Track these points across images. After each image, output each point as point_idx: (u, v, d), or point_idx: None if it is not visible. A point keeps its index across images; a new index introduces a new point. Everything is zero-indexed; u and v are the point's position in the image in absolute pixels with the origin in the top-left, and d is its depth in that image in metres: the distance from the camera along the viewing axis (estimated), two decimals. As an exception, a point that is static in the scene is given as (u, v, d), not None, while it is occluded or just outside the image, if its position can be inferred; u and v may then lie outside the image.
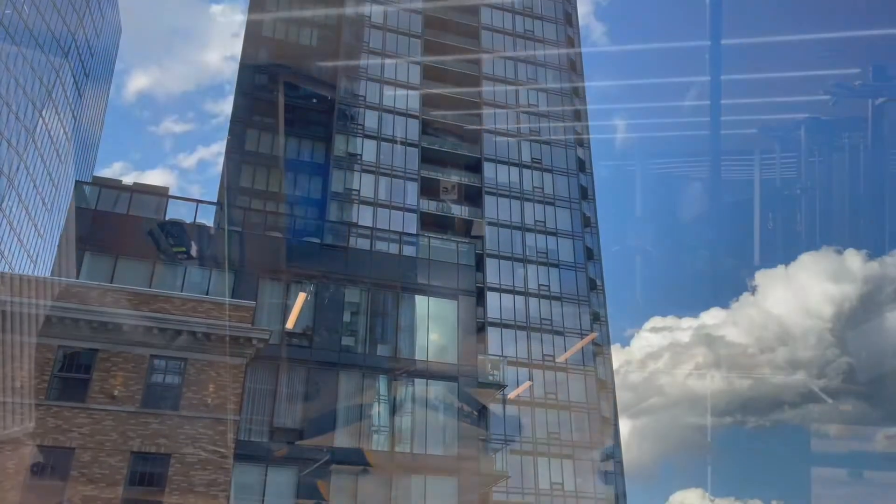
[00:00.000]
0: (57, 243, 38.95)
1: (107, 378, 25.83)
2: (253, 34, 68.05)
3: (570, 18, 79.99)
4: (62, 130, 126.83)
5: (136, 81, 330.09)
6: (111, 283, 34.43)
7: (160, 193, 42.57)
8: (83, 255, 36.28)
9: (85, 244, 36.64)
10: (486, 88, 70.91)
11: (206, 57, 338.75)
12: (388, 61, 68.71)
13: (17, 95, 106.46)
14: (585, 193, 71.11)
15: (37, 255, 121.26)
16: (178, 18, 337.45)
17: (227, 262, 37.69)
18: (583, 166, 71.83)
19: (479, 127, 68.80)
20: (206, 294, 35.96)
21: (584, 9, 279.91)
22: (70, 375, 25.92)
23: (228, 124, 64.58)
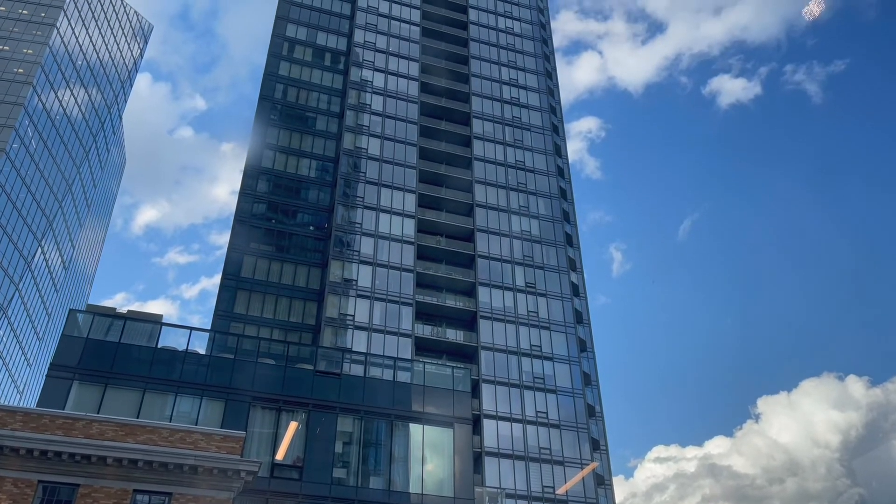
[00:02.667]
0: (45, 373, 38.20)
1: (86, 515, 24.58)
2: (253, 165, 70.24)
3: (559, 150, 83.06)
4: (60, 260, 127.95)
5: (145, 215, 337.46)
6: (98, 412, 33.57)
7: (154, 321, 42.38)
8: (71, 384, 35.57)
9: (74, 373, 36.01)
10: (480, 215, 72.46)
11: (214, 191, 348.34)
12: (384, 190, 70.58)
13: (18, 225, 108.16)
14: (580, 318, 71.10)
15: (24, 386, 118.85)
16: (189, 156, 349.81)
17: (218, 391, 36.99)
18: (577, 291, 72.25)
19: (473, 252, 69.75)
20: (196, 423, 35.00)
21: (577, 144, 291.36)
22: (47, 512, 24.67)
23: (226, 252, 65.37)
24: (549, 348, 66.11)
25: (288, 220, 68.87)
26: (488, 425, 59.85)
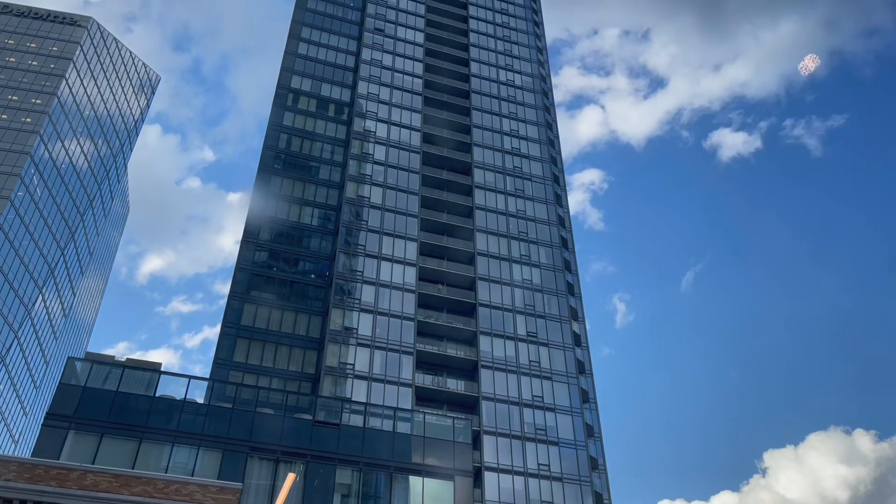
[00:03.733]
0: (42, 422, 37.82)
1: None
2: (256, 213, 70.66)
3: (560, 200, 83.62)
4: (60, 308, 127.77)
5: (150, 264, 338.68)
6: (94, 462, 33.07)
7: (153, 369, 42.10)
8: (67, 434, 35.14)
9: (70, 422, 35.60)
10: (481, 264, 72.54)
11: (219, 241, 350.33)
12: (385, 238, 70.84)
13: (20, 272, 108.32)
14: (583, 368, 70.51)
15: (20, 435, 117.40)
16: (195, 206, 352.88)
17: (215, 441, 36.50)
18: (579, 340, 71.85)
19: (474, 301, 69.59)
20: (192, 474, 34.45)
21: (580, 196, 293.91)
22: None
23: (226, 300, 65.26)
24: (550, 399, 65.38)
25: (289, 268, 68.94)
26: (489, 478, 58.79)
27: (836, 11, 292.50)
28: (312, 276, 69.01)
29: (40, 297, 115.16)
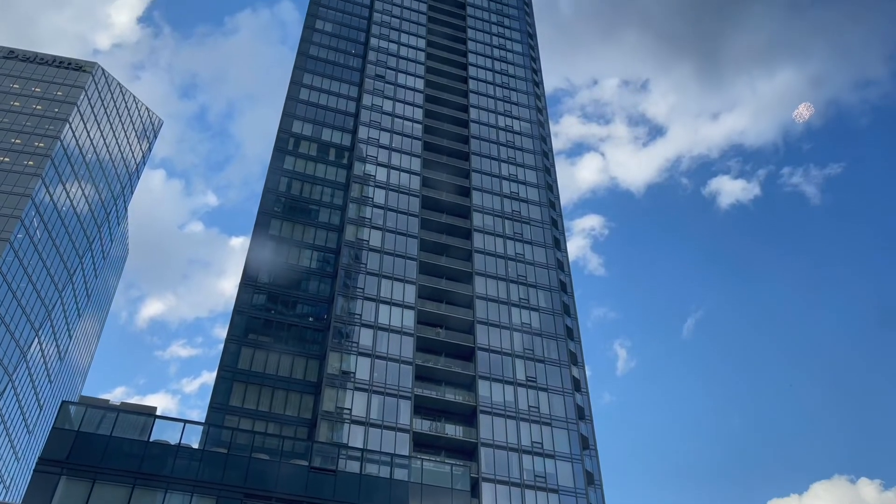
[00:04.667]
0: (34, 467, 37.19)
1: None
2: (255, 256, 70.68)
3: (559, 243, 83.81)
4: (56, 351, 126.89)
5: (150, 308, 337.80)
6: (83, 509, 32.46)
7: (147, 413, 41.63)
8: (59, 480, 34.54)
9: (62, 467, 35.02)
10: (480, 307, 72.30)
11: (220, 285, 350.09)
12: (384, 281, 70.73)
13: (16, 315, 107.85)
14: (582, 414, 69.72)
15: (11, 480, 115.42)
16: (197, 250, 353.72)
17: (209, 487, 35.88)
18: (578, 386, 71.21)
19: (473, 344, 69.15)
20: (184, 522, 33.78)
21: (581, 241, 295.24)
22: None
23: (223, 344, 64.83)
24: (550, 446, 64.50)
25: (287, 311, 68.67)
26: (488, 526, 57.62)
27: (830, 64, 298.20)
28: (311, 319, 68.71)
29: (36, 340, 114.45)
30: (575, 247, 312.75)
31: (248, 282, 68.65)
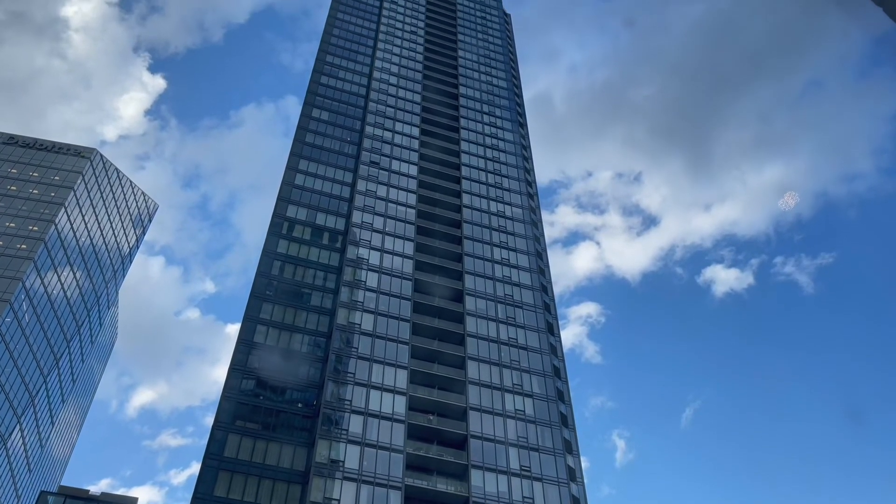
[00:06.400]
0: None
1: None
2: (245, 340, 69.82)
3: (552, 328, 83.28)
4: (37, 438, 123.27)
5: (141, 396, 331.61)
6: None
7: None
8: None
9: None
10: (473, 393, 71.00)
11: (215, 373, 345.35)
12: (375, 366, 69.68)
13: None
14: (579, 504, 67.46)
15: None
16: (193, 337, 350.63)
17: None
18: (574, 475, 69.21)
19: (465, 431, 67.51)
20: None
21: (577, 329, 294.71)
22: None
23: (210, 430, 63.13)
24: (546, 538, 62.03)
25: (276, 396, 67.28)
26: None
27: (817, 157, 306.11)
28: (300, 405, 67.28)
29: (18, 427, 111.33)
30: (571, 334, 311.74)
31: (237, 366, 67.54)
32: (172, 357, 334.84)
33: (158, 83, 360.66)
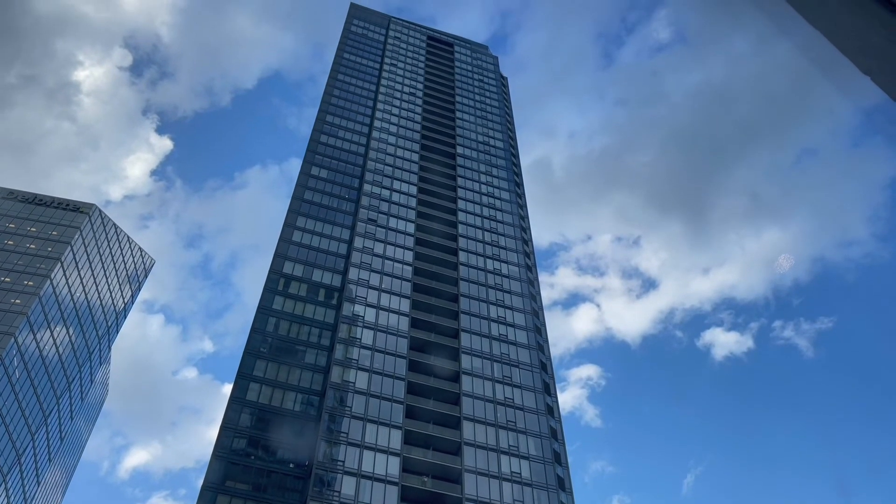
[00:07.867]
0: None
1: None
2: (237, 398, 68.81)
3: (548, 388, 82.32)
4: (23, 499, 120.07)
5: (135, 458, 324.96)
6: None
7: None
8: None
9: None
10: (468, 455, 69.69)
11: (210, 433, 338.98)
12: (369, 426, 68.50)
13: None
14: (577, 571, 65.49)
15: None
16: (189, 397, 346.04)
17: None
18: (572, 539, 67.40)
19: (461, 495, 65.89)
20: None
21: (577, 391, 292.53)
22: None
23: (199, 492, 61.58)
24: None
25: (268, 456, 65.92)
26: None
27: (812, 223, 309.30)
28: (291, 465, 65.87)
29: (3, 487, 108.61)
30: (571, 397, 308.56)
31: (229, 425, 66.38)
32: (168, 417, 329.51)
33: (165, 144, 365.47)
